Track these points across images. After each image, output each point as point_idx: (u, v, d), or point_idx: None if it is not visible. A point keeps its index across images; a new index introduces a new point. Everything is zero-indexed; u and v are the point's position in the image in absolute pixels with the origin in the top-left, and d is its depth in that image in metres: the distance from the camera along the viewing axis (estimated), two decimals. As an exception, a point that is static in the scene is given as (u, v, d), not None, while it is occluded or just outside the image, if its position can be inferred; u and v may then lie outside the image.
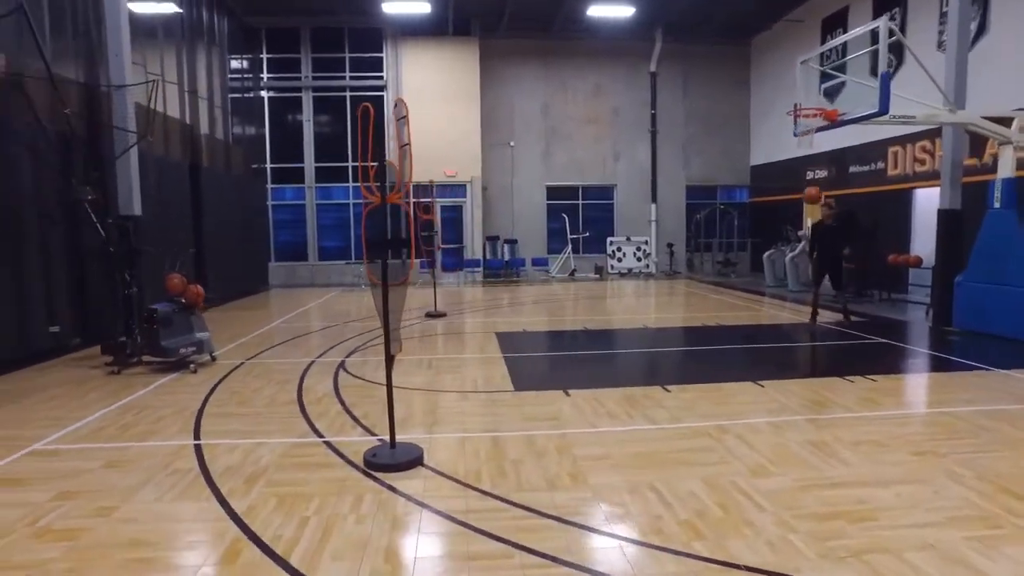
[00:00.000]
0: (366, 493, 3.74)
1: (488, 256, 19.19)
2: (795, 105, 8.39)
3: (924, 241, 12.09)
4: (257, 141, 18.06)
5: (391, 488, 3.80)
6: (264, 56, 17.96)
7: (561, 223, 19.43)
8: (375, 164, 4.21)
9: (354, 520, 3.40)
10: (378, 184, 4.21)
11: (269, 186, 18.36)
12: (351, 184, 18.51)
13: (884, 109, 7.18)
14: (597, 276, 19.18)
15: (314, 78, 18.10)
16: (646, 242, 19.54)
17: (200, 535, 3.24)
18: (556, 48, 18.98)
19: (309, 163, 18.47)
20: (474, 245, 18.78)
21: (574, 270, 19.20)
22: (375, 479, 3.95)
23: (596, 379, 6.68)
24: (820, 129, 8.29)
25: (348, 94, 18.24)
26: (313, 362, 7.47)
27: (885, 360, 7.41)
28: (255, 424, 5.12)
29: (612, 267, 19.47)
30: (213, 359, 7.56)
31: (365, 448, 4.40)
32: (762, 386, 6.06)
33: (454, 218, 18.95)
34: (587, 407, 5.45)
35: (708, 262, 19.26)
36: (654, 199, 19.59)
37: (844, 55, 11.25)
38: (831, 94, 10.53)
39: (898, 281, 12.59)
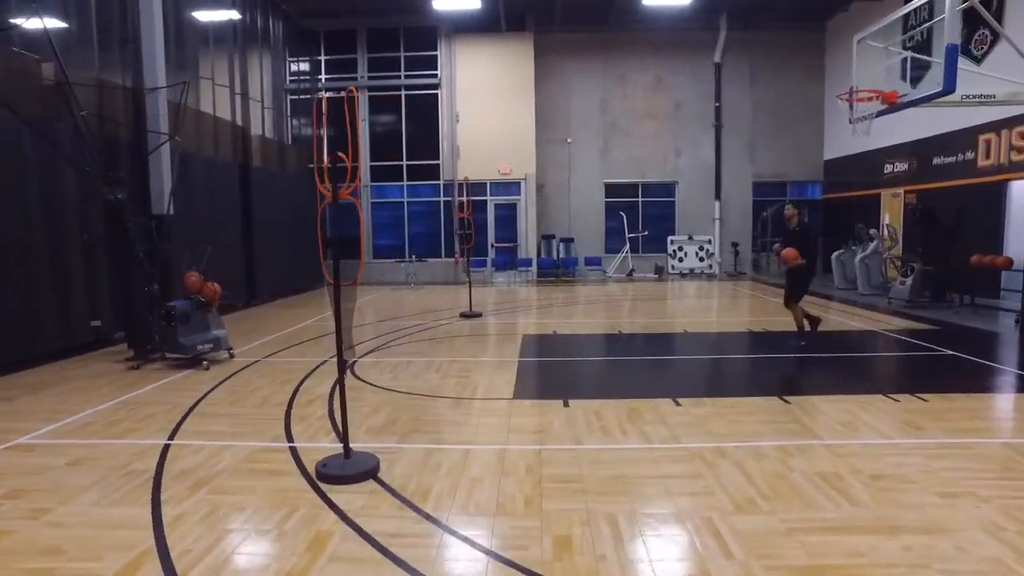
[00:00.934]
0: (302, 507, 3.50)
1: (543, 255, 18.83)
2: (850, 89, 7.51)
3: (1021, 240, 10.70)
4: (310, 141, 18.47)
5: (329, 503, 3.55)
6: (322, 58, 18.37)
7: (619, 222, 18.78)
8: (344, 159, 3.95)
9: (273, 537, 3.17)
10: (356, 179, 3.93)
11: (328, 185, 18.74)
12: (405, 183, 18.64)
13: (950, 87, 6.26)
14: (656, 276, 18.40)
15: (370, 78, 18.33)
16: (709, 241, 18.55)
17: (113, 546, 3.10)
18: (613, 41, 18.33)
19: (365, 162, 18.72)
20: (528, 244, 18.46)
21: (632, 270, 18.50)
22: (319, 491, 3.71)
23: (605, 388, 6.23)
24: (880, 113, 7.38)
25: (403, 93, 18.36)
26: (325, 362, 7.39)
27: (947, 376, 6.49)
28: (234, 425, 5.03)
29: (673, 267, 18.62)
30: (231, 356, 7.64)
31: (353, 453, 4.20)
32: (788, 402, 5.40)
33: (508, 216, 18.71)
34: (581, 420, 5.01)
35: (775, 262, 18.02)
36: (718, 196, 18.55)
37: (926, 31, 10.08)
38: (913, 77, 9.45)
39: (987, 285, 11.19)
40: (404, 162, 18.63)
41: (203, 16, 12.22)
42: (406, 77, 18.26)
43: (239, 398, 5.83)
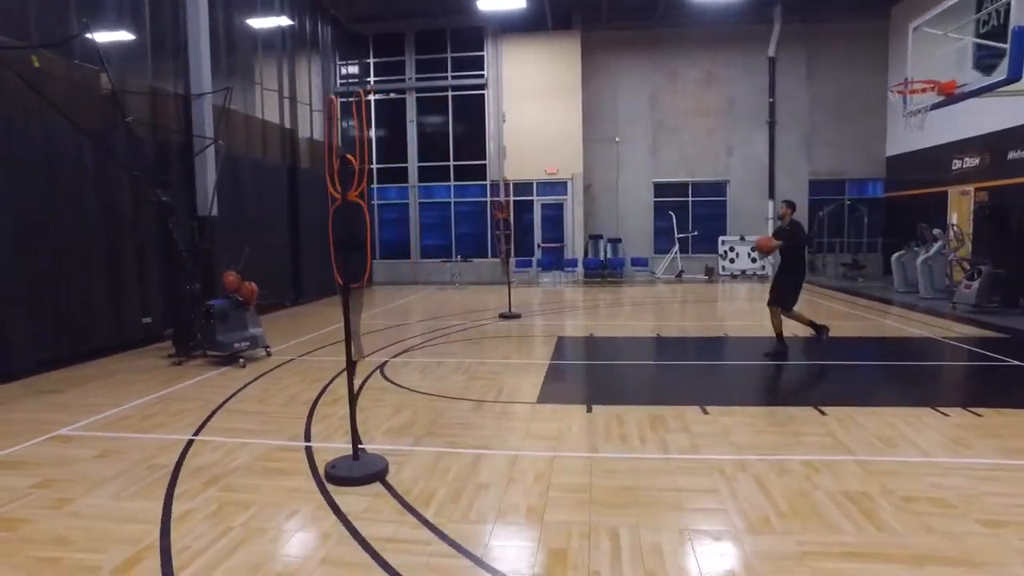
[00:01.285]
0: (305, 507, 3.53)
1: (590, 256, 18.61)
2: (905, 79, 7.05)
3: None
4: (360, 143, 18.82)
5: (332, 505, 3.56)
6: (371, 61, 18.70)
7: (668, 222, 18.36)
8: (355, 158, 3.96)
9: (270, 538, 3.19)
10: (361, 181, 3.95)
11: (375, 186, 19.11)
12: (452, 183, 18.78)
13: (1015, 74, 5.76)
14: (706, 278, 17.89)
15: (417, 79, 18.54)
16: (761, 242, 17.87)
17: (121, 539, 3.19)
18: (662, 36, 17.92)
19: (412, 163, 18.97)
20: (575, 244, 18.28)
21: (681, 271, 18.05)
22: (324, 493, 3.73)
23: (632, 394, 6.06)
24: (936, 106, 6.89)
25: (450, 93, 18.49)
26: (356, 362, 7.47)
27: (1010, 390, 6.00)
28: (258, 423, 5.13)
29: (723, 268, 18.06)
30: (268, 354, 7.85)
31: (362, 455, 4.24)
32: (824, 414, 5.10)
33: (555, 216, 18.58)
34: (601, 427, 4.87)
35: (833, 264, 17.23)
36: (771, 195, 17.87)
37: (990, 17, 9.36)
38: (986, 65, 8.80)
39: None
40: (451, 163, 18.77)
41: (253, 23, 12.62)
42: (453, 78, 18.38)
43: (268, 396, 5.96)
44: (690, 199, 18.51)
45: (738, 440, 4.52)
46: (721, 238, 18.11)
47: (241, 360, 7.27)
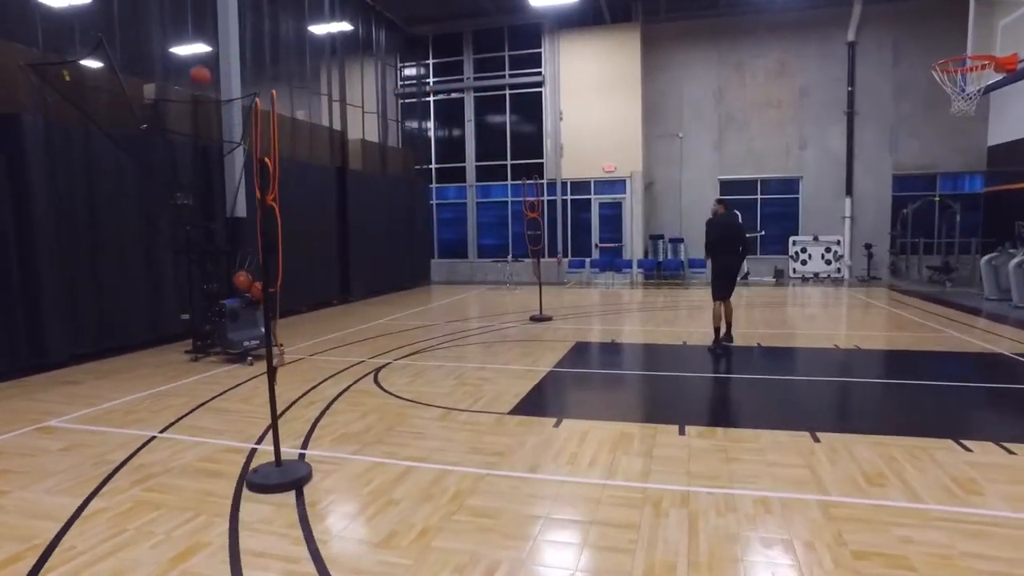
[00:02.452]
0: (206, 513, 3.50)
1: (650, 256, 17.95)
2: (964, 58, 6.14)
3: None
4: (422, 143, 19.14)
5: (232, 512, 3.50)
6: (430, 62, 18.92)
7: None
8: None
9: (153, 543, 3.17)
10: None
11: (433, 186, 19.35)
12: (509, 182, 18.67)
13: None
14: (774, 281, 16.76)
15: (475, 79, 18.56)
16: (838, 242, 16.51)
17: (19, 535, 3.28)
18: (728, 25, 16.93)
19: (470, 162, 19.04)
20: (633, 244, 17.67)
21: (747, 273, 17.00)
22: (235, 499, 3.69)
23: (612, 409, 5.68)
24: (991, 88, 5.95)
25: (507, 92, 18.40)
26: (361, 363, 7.51)
27: (1069, 422, 5.08)
28: (225, 423, 5.21)
29: (794, 271, 16.85)
30: (281, 352, 8.02)
31: (299, 460, 4.20)
32: (817, 440, 4.51)
33: (613, 215, 18.03)
34: (557, 444, 4.55)
35: (918, 267, 15.59)
36: (849, 192, 16.45)
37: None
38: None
39: None
40: (508, 161, 18.68)
41: (303, 28, 13.05)
42: (510, 76, 18.27)
43: (254, 395, 6.06)
44: (758, 197, 17.39)
45: (698, 468, 4.07)
46: (792, 238, 16.88)
47: (249, 358, 7.49)
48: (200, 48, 11.02)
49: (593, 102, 17.46)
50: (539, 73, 17.92)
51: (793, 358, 7.74)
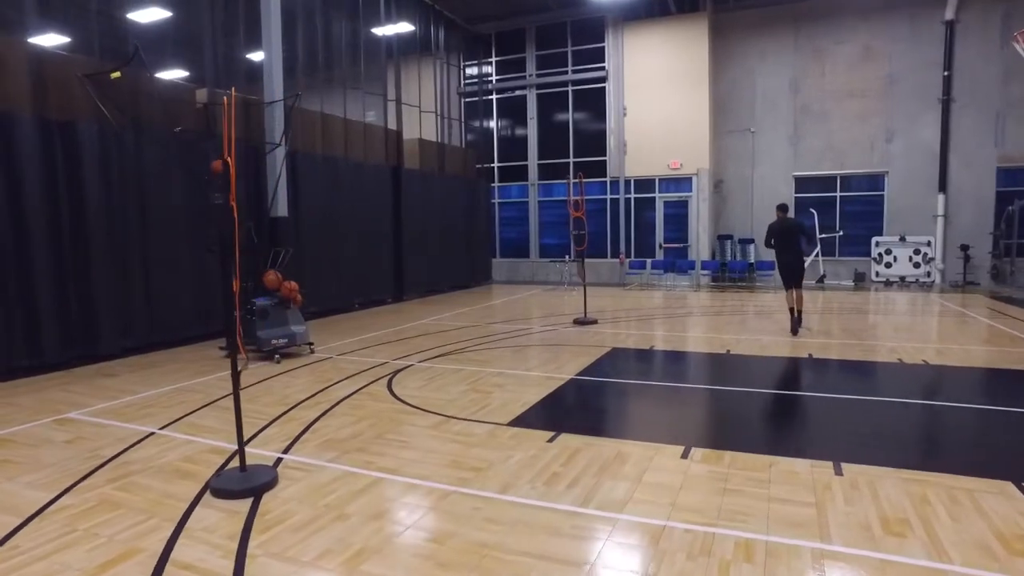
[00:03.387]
0: (157, 517, 3.46)
1: (718, 257, 17.06)
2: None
3: None
4: (484, 142, 19.08)
5: (183, 518, 3.44)
6: (493, 59, 18.82)
7: (811, 220, 16.13)
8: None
9: (92, 546, 3.14)
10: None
11: (495, 185, 19.25)
12: (571, 181, 18.24)
13: None
14: (853, 284, 15.45)
15: (537, 75, 18.29)
16: (928, 243, 14.99)
17: (-17, 528, 3.36)
18: (807, 10, 15.75)
19: (532, 161, 18.79)
20: (700, 244, 16.82)
21: (823, 276, 15.79)
22: (194, 503, 3.63)
23: (616, 424, 5.31)
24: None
25: (570, 88, 18.01)
26: (384, 364, 7.45)
27: None
28: (225, 421, 5.23)
29: (877, 274, 15.46)
30: (312, 351, 8.12)
31: (271, 464, 4.15)
32: (840, 474, 3.94)
33: (678, 214, 17.26)
34: (542, 462, 4.23)
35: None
36: (942, 188, 14.88)
37: None
38: None
39: None
40: (571, 159, 18.30)
41: (359, 29, 13.25)
42: (573, 72, 17.87)
43: (262, 395, 6.10)
44: (837, 194, 16.08)
45: (686, 499, 3.63)
46: (875, 239, 15.49)
47: (277, 356, 7.60)
48: (252, 55, 11.41)
49: (658, 97, 16.76)
50: (602, 68, 17.41)
51: (844, 373, 6.97)
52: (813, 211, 15.99)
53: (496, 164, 19.30)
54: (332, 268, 11.76)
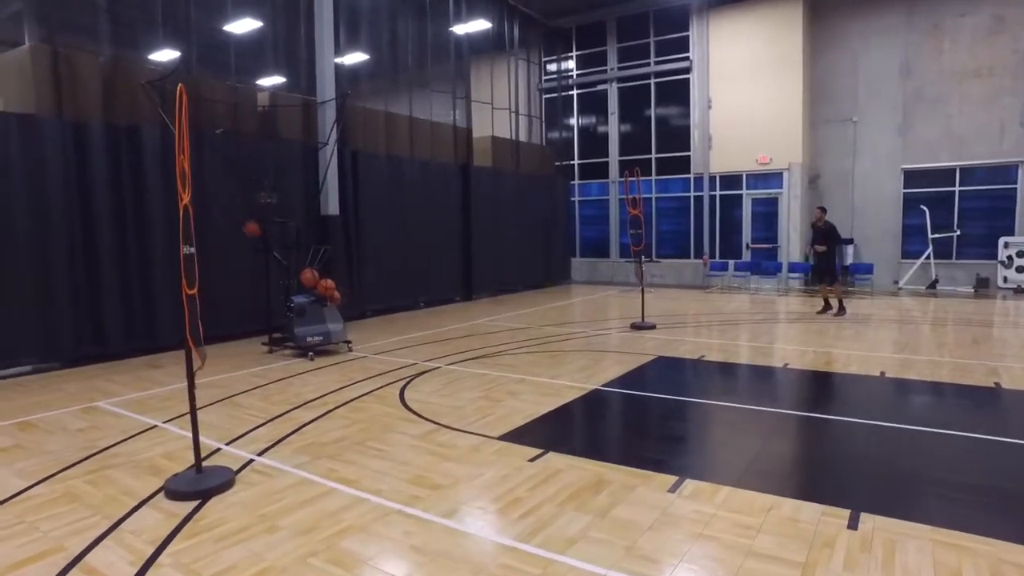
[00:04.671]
0: (99, 515, 3.46)
1: (811, 259, 15.60)
2: None
3: None
4: (563, 139, 18.66)
5: (123, 518, 3.43)
6: (573, 54, 18.35)
7: (921, 218, 14.36)
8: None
9: (24, 541, 3.18)
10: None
11: (575, 182, 18.77)
12: (654, 177, 17.46)
13: None
14: (974, 290, 13.56)
15: (619, 68, 17.61)
16: (1072, 247, 12.81)
17: (-50, 513, 3.53)
18: (923, -20, 13.96)
19: (613, 157, 18.14)
20: (790, 245, 15.48)
21: (935, 280, 14.00)
22: (144, 502, 3.63)
23: (615, 444, 4.80)
24: None
25: (652, 81, 17.19)
26: (412, 365, 7.34)
27: None
28: (225, 418, 5.31)
29: (1005, 279, 13.45)
30: (349, 349, 8.17)
31: (240, 465, 4.14)
32: (854, 527, 3.26)
33: (767, 212, 15.97)
34: (510, 483, 3.86)
35: None
36: (1091, 180, 12.65)
37: None
38: None
39: None
40: (653, 155, 17.48)
41: (426, 28, 13.31)
42: (655, 64, 17.04)
43: (276, 393, 6.15)
44: (956, 188, 14.15)
45: (647, 543, 3.13)
46: (1003, 239, 13.47)
47: (311, 354, 7.69)
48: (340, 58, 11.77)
49: (746, 87, 15.57)
50: (686, 58, 16.44)
51: (916, 396, 5.96)
52: (924, 208, 14.19)
53: (576, 161, 18.82)
54: (395, 267, 11.87)
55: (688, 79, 16.50)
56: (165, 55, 13.96)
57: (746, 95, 15.55)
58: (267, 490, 3.81)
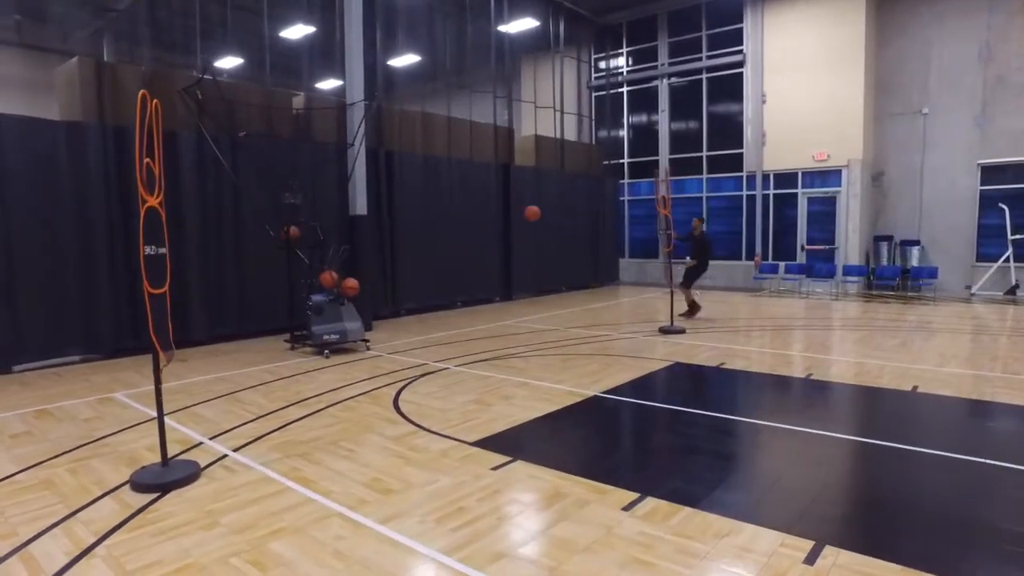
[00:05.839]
0: (63, 504, 3.63)
1: (872, 262, 14.64)
2: None
3: None
4: (612, 137, 18.31)
5: (82, 508, 3.58)
6: (623, 50, 17.97)
7: (1001, 218, 13.16)
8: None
9: (-15, 528, 3.38)
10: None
11: (624, 182, 18.38)
12: (705, 176, 16.87)
13: None
14: (1061, 302, 12.30)
15: (670, 64, 17.09)
16: None
17: (-61, 494, 3.79)
18: (1005, -43, 12.76)
19: (663, 156, 17.62)
20: (848, 246, 14.55)
21: (1016, 286, 12.80)
22: (108, 493, 3.78)
23: (586, 455, 4.60)
24: None
25: (704, 76, 16.59)
26: (421, 365, 7.36)
27: None
28: (221, 414, 5.47)
29: (1098, 289, 12.12)
30: (367, 348, 8.28)
31: (211, 461, 4.28)
32: (811, 561, 2.98)
33: (825, 212, 15.08)
34: (462, 491, 3.78)
35: None
36: None
37: None
38: None
39: None
40: (704, 153, 16.88)
41: (477, 27, 13.35)
42: (708, 58, 16.42)
43: (279, 389, 6.29)
44: (1042, 186, 12.86)
45: (577, 566, 2.97)
46: (1096, 244, 12.14)
47: (326, 351, 7.85)
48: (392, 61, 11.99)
49: (802, 81, 14.74)
50: (740, 52, 15.74)
51: (933, 414, 5.41)
52: (1004, 206, 12.98)
53: (626, 160, 18.42)
54: (432, 266, 11.97)
55: (741, 73, 15.80)
56: (226, 62, 14.65)
57: (802, 89, 14.73)
58: (225, 486, 3.89)
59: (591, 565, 2.95)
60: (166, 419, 5.20)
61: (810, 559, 2.99)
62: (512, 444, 4.65)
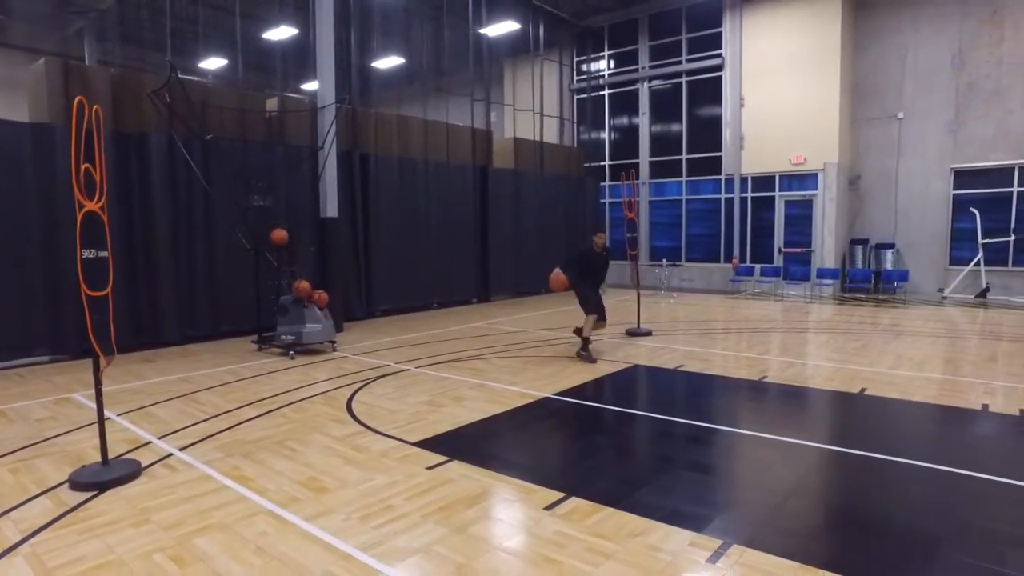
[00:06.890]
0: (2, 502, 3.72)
1: (848, 265, 14.81)
2: None
3: None
4: (592, 139, 18.43)
5: (19, 505, 3.66)
6: (605, 53, 18.09)
7: (972, 222, 13.33)
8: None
9: (-81, 525, 3.46)
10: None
11: (606, 184, 18.50)
12: (684, 179, 17.01)
13: None
14: (1030, 304, 12.48)
15: (650, 67, 17.22)
16: None
17: None
18: (977, -36, 12.93)
19: (644, 159, 17.76)
20: (824, 249, 14.70)
21: (986, 289, 12.97)
22: (45, 492, 3.86)
23: (521, 455, 4.70)
24: None
25: (684, 80, 16.73)
26: (383, 366, 7.45)
27: None
28: (174, 414, 5.55)
29: (1066, 293, 12.30)
30: (334, 349, 8.37)
31: (154, 460, 4.36)
32: (715, 560, 3.09)
33: (801, 215, 15.23)
34: (392, 491, 3.87)
35: None
36: None
37: None
38: None
39: None
40: (683, 156, 17.02)
41: (460, 30, 13.44)
42: (687, 62, 16.55)
43: (237, 390, 6.37)
44: (1015, 189, 13.04)
45: (484, 564, 3.08)
46: (1065, 248, 12.31)
47: (291, 352, 7.93)
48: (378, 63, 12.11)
49: (780, 84, 14.90)
50: (719, 55, 15.88)
51: (878, 416, 5.54)
52: (975, 211, 13.15)
53: (607, 162, 18.55)
54: (408, 268, 12.06)
55: (720, 77, 15.94)
56: (211, 63, 14.66)
57: (780, 93, 14.89)
58: (163, 485, 3.98)
59: (499, 564, 3.05)
60: (119, 419, 5.33)
61: (714, 558, 3.10)
62: (452, 445, 4.75)
